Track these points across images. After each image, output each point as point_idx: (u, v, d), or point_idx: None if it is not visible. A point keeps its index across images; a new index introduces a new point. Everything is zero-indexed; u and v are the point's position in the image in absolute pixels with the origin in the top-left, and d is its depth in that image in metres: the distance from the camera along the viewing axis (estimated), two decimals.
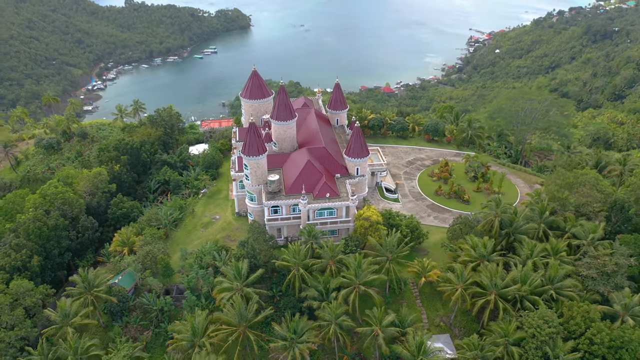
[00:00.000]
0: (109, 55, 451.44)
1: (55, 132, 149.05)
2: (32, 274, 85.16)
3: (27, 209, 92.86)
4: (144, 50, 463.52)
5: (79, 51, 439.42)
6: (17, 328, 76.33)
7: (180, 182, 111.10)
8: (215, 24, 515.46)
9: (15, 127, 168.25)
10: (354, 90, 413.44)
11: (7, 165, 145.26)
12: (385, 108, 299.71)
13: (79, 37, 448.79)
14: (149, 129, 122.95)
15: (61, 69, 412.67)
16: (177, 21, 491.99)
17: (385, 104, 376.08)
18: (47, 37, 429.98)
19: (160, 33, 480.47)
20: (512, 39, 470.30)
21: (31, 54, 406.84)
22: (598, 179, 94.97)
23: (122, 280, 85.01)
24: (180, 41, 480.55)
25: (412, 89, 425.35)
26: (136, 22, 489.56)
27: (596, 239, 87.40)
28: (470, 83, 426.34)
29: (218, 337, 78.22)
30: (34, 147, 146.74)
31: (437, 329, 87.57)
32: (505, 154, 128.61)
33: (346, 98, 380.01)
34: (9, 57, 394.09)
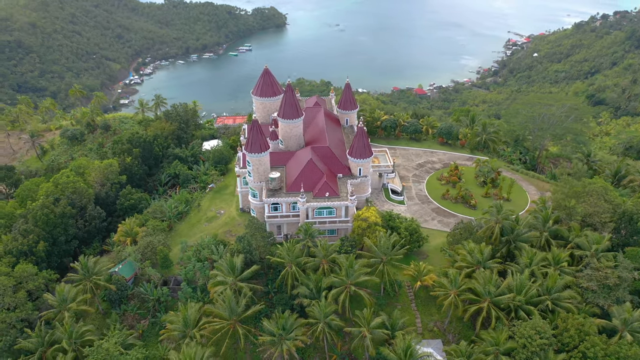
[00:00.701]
0: (147, 50, 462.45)
1: (80, 124, 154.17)
2: (37, 259, 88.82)
3: (39, 197, 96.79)
4: (180, 47, 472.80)
5: (119, 46, 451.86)
6: (18, 310, 79.84)
7: (190, 176, 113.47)
8: (251, 22, 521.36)
9: (45, 117, 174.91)
10: (386, 91, 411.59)
11: (34, 155, 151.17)
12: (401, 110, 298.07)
13: (119, 32, 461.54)
14: (163, 124, 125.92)
15: (101, 63, 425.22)
16: (214, 18, 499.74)
17: (416, 105, 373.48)
18: (88, 31, 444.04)
19: (197, 30, 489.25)
20: (551, 43, 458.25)
21: (73, 47, 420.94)
22: (607, 188, 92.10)
23: (122, 270, 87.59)
24: (216, 38, 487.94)
25: (445, 91, 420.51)
26: (174, 19, 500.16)
27: (600, 250, 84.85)
28: (505, 87, 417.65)
29: (208, 330, 79.77)
30: (59, 138, 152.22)
31: (430, 333, 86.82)
32: (519, 159, 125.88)
33: (376, 99, 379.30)
34: (52, 50, 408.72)
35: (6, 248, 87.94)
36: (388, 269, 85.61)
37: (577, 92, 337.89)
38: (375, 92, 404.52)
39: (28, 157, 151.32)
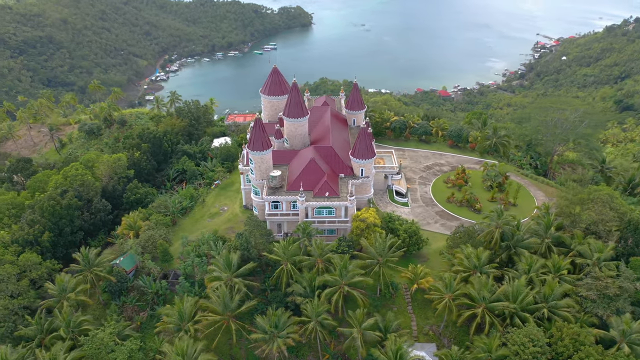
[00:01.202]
0: (173, 47, 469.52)
1: (98, 118, 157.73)
2: (42, 249, 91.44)
3: (49, 188, 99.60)
4: (206, 44, 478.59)
5: (146, 43, 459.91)
6: (20, 297, 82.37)
7: (197, 173, 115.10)
8: (277, 21, 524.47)
9: (66, 112, 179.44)
10: (410, 92, 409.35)
11: (53, 147, 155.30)
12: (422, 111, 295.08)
13: (147, 29, 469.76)
14: (174, 120, 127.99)
15: (128, 59, 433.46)
16: (241, 17, 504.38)
17: (439, 107, 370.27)
18: (117, 28, 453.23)
19: (223, 28, 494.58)
20: (580, 46, 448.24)
21: (102, 44, 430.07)
22: (613, 196, 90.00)
23: (123, 262, 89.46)
24: (241, 36, 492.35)
25: (469, 93, 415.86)
26: (202, 17, 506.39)
27: (602, 259, 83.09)
28: (531, 90, 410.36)
29: (203, 324, 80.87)
30: (77, 132, 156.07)
31: (425, 337, 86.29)
32: (529, 164, 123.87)
33: (398, 100, 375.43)
34: (82, 46, 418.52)
35: (13, 237, 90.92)
36: (384, 270, 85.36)
37: (605, 97, 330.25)
38: (398, 92, 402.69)
39: (47, 149, 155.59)
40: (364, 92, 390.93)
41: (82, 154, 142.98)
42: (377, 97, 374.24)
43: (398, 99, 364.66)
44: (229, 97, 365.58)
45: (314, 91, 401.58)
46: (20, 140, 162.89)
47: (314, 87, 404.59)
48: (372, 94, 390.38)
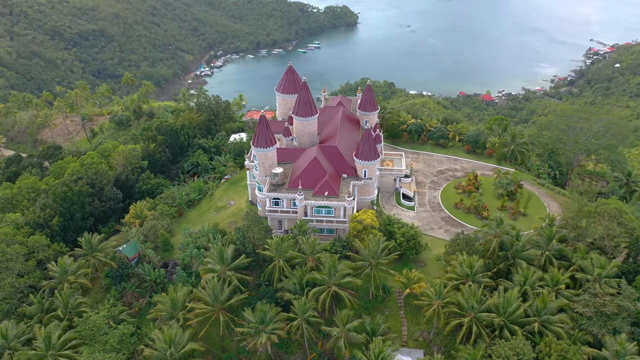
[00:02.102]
0: (219, 44, 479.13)
1: (129, 110, 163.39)
2: (52, 232, 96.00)
3: (66, 175, 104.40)
4: (251, 41, 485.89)
5: (193, 38, 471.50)
6: (27, 277, 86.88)
7: (209, 167, 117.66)
8: (322, 20, 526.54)
9: (102, 102, 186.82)
10: (452, 95, 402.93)
11: (85, 136, 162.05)
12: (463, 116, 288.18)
13: (195, 25, 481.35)
14: (192, 114, 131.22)
15: (175, 54, 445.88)
16: (286, 15, 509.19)
17: (481, 112, 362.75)
18: (166, 23, 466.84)
19: (269, 26, 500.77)
20: (636, 54, 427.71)
21: (151, 38, 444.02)
22: (622, 211, 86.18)
23: (125, 249, 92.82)
24: (286, 35, 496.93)
25: (514, 99, 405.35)
26: (248, 14, 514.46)
27: (604, 275, 79.86)
28: (580, 98, 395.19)
29: (193, 314, 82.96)
30: (108, 122, 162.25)
31: (415, 343, 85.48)
32: (547, 174, 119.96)
33: (437, 102, 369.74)
34: (132, 40, 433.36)
35: (26, 219, 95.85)
36: (376, 273, 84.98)
37: None
38: (440, 95, 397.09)
39: (79, 138, 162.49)
40: (404, 94, 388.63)
41: (120, 143, 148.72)
42: (415, 100, 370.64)
43: (437, 102, 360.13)
44: (268, 94, 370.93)
45: (354, 91, 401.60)
46: (56, 128, 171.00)
47: (354, 86, 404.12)
48: (412, 95, 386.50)
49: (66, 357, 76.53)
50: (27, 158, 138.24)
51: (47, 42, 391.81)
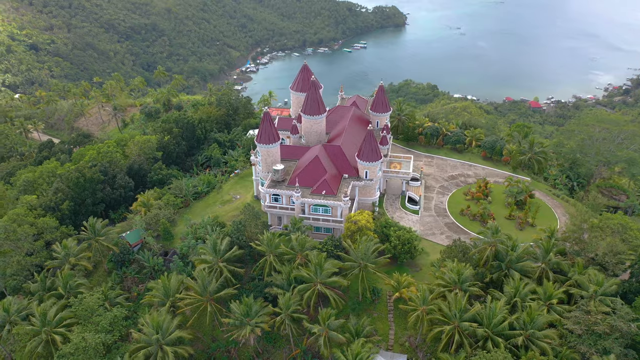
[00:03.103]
0: (266, 41, 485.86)
1: (159, 102, 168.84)
2: (62, 216, 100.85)
3: (83, 161, 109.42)
4: (298, 39, 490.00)
5: (241, 35, 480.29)
6: (34, 256, 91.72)
7: (221, 160, 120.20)
8: (370, 20, 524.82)
9: (138, 94, 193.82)
10: (497, 100, 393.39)
11: (116, 126, 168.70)
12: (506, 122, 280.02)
13: (244, 22, 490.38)
14: (211, 108, 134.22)
15: (222, 49, 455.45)
16: (334, 14, 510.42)
17: (527, 119, 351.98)
18: (216, 19, 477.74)
19: (316, 24, 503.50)
20: None
21: (200, 33, 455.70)
22: (626, 226, 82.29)
23: (128, 235, 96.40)
24: (333, 34, 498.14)
25: (563, 106, 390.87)
26: (297, 12, 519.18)
27: (600, 292, 76.67)
28: (635, 108, 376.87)
29: (184, 302, 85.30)
30: (138, 114, 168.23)
31: (401, 348, 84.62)
32: (564, 185, 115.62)
33: (479, 107, 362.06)
34: (182, 35, 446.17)
35: (39, 202, 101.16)
36: (365, 275, 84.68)
37: None
38: (485, 100, 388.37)
39: (111, 128, 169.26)
40: (447, 97, 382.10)
41: (140, 134, 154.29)
42: (457, 103, 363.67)
43: (479, 107, 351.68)
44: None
45: (396, 92, 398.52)
46: (91, 117, 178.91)
47: (396, 88, 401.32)
48: (455, 99, 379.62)
49: (60, 334, 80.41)
50: (58, 144, 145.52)
51: (102, 34, 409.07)
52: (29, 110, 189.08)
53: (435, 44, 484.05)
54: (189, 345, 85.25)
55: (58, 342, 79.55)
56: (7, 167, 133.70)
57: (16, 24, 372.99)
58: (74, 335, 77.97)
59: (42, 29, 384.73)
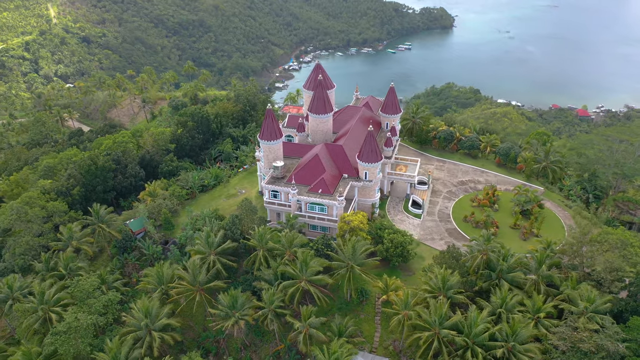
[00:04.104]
0: (310, 39, 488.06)
1: (187, 96, 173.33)
2: (73, 201, 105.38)
3: (98, 150, 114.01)
4: (342, 39, 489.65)
5: (286, 33, 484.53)
6: (42, 237, 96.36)
7: (232, 155, 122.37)
8: (416, 21, 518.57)
9: (169, 87, 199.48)
10: (543, 107, 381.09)
11: (145, 118, 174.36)
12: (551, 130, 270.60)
13: (289, 20, 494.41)
14: (228, 104, 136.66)
15: (266, 47, 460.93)
16: (380, 14, 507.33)
17: (572, 127, 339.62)
18: (262, 17, 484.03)
19: (361, 24, 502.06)
20: None
21: (246, 30, 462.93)
22: (626, 242, 78.61)
23: (132, 223, 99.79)
24: (377, 34, 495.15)
25: (613, 116, 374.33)
26: (342, 12, 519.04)
27: (591, 309, 73.77)
28: None
29: (175, 291, 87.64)
30: (166, 107, 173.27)
31: (384, 351, 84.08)
32: (579, 196, 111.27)
33: (521, 113, 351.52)
34: (228, 31, 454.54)
35: (52, 186, 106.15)
36: (353, 275, 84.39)
37: None
38: (530, 107, 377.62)
39: (141, 119, 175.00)
40: (490, 102, 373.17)
41: (166, 126, 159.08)
42: (497, 109, 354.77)
43: (521, 113, 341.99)
44: (350, 93, 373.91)
45: (437, 95, 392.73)
46: (123, 109, 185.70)
47: (438, 91, 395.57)
48: (498, 104, 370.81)
49: (55, 313, 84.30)
50: (87, 133, 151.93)
51: (151, 29, 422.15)
52: (68, 100, 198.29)
53: (481, 47, 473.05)
54: (178, 333, 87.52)
55: (54, 320, 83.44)
56: (37, 152, 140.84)
57: (71, 17, 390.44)
58: (68, 315, 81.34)
59: (95, 22, 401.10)
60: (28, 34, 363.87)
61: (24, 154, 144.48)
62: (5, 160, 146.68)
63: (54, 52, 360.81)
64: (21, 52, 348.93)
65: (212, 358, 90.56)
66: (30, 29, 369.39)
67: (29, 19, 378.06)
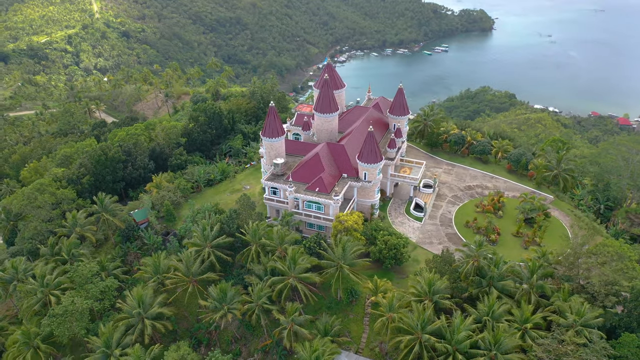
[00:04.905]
0: (345, 39, 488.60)
1: (209, 92, 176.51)
2: (82, 189, 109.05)
3: (111, 141, 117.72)
4: (378, 39, 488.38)
5: (321, 32, 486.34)
6: (49, 223, 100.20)
7: (241, 151, 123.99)
8: (455, 23, 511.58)
9: (195, 83, 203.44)
10: (582, 114, 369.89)
11: (167, 112, 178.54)
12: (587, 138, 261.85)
13: (326, 19, 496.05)
14: (241, 100, 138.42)
15: (301, 45, 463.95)
16: (418, 15, 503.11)
17: (611, 136, 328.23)
18: (299, 16, 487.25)
19: (398, 25, 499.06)
20: None
21: (282, 29, 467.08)
22: (623, 256, 75.74)
23: (135, 213, 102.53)
24: (414, 35, 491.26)
25: None
26: (380, 12, 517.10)
27: (580, 323, 71.63)
28: None
29: (170, 281, 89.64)
30: (188, 102, 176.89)
31: (370, 353, 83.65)
32: (589, 207, 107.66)
33: (556, 120, 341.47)
34: (264, 29, 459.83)
35: (64, 174, 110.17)
36: (342, 275, 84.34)
37: None
38: (568, 114, 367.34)
39: (163, 113, 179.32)
40: (526, 107, 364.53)
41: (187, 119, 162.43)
42: (532, 114, 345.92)
43: (557, 119, 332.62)
44: (382, 94, 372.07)
45: (471, 98, 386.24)
46: (148, 102, 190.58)
47: (472, 94, 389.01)
48: (534, 109, 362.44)
49: (55, 296, 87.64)
50: (109, 125, 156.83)
51: (189, 25, 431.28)
52: (98, 92, 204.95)
53: (520, 51, 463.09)
54: (172, 322, 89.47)
55: (53, 302, 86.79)
56: (60, 141, 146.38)
57: (113, 12, 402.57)
58: (64, 298, 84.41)
59: (135, 17, 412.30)
60: (71, 27, 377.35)
61: (49, 143, 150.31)
62: (32, 148, 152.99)
63: (95, 45, 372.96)
64: (64, 45, 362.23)
65: (204, 349, 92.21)
66: (74, 22, 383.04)
67: (73, 13, 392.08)
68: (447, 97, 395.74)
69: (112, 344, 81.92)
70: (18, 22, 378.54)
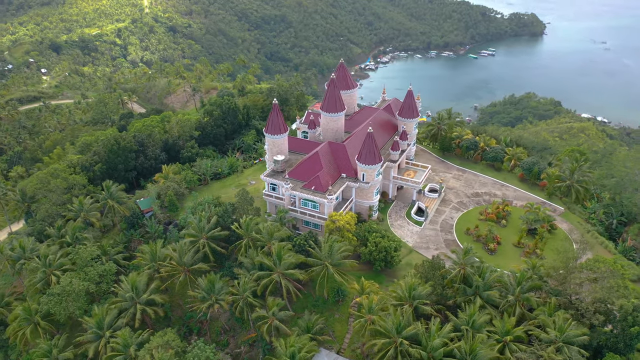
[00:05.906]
0: (390, 40, 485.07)
1: (235, 88, 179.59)
2: (94, 176, 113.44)
3: (129, 131, 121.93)
4: (423, 41, 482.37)
5: (366, 32, 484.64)
6: (60, 206, 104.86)
7: (251, 147, 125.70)
8: (504, 26, 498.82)
9: (226, 78, 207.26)
10: (632, 125, 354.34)
11: (194, 106, 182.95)
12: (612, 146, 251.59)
13: (371, 19, 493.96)
14: (257, 97, 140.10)
15: (345, 45, 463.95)
16: (465, 18, 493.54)
17: None
18: (344, 15, 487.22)
19: (444, 27, 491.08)
20: None
21: (326, 28, 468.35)
22: (615, 273, 72.39)
23: (141, 202, 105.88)
24: (460, 38, 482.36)
25: None
26: (426, 13, 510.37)
27: (562, 339, 69.16)
28: None
29: (164, 269, 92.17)
30: (215, 96, 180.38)
31: (352, 354, 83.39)
32: (600, 221, 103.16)
33: (602, 130, 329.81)
34: (308, 28, 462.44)
35: (78, 161, 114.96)
36: (329, 275, 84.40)
37: None
38: (617, 124, 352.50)
39: (191, 107, 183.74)
40: (572, 116, 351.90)
41: None
42: (576, 123, 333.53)
43: (602, 130, 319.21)
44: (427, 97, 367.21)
45: (515, 105, 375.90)
46: (178, 96, 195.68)
47: (516, 100, 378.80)
48: (580, 118, 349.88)
49: (55, 275, 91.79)
50: (136, 115, 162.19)
51: (234, 22, 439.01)
52: (133, 84, 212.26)
53: (570, 57, 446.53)
54: (166, 309, 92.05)
55: (53, 282, 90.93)
56: (89, 129, 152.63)
57: (161, 7, 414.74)
58: (63, 279, 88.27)
59: (183, 13, 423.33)
60: (122, 21, 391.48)
61: (79, 131, 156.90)
62: (63, 135, 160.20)
63: (142, 39, 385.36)
64: (113, 38, 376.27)
65: (195, 337, 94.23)
66: (124, 16, 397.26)
67: (124, 7, 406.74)
68: (490, 102, 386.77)
69: (104, 325, 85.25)
70: (73, 14, 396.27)
